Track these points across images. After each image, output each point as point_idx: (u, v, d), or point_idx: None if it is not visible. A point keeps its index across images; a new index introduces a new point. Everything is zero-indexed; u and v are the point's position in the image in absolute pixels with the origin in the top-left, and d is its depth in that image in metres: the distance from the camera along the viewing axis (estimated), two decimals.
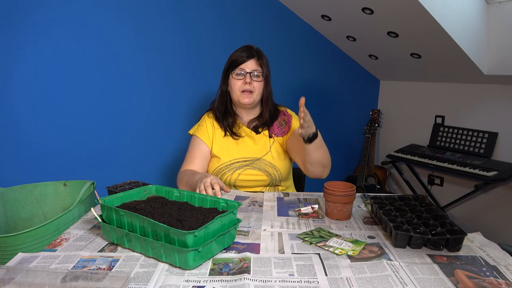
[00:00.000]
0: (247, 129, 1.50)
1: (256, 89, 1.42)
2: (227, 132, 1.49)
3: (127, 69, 1.99)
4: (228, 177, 1.45)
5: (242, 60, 1.41)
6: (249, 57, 1.41)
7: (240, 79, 1.41)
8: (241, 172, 1.45)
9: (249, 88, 1.41)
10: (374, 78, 3.14)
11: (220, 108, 1.50)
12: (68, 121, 1.85)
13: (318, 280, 0.78)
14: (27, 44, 1.69)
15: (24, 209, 1.43)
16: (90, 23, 1.83)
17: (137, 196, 1.08)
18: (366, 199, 1.30)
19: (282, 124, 1.52)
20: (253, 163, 1.45)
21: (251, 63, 1.41)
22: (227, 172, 1.45)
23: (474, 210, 2.49)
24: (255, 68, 1.42)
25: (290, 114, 1.54)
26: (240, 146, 1.49)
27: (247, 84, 1.40)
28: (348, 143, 3.15)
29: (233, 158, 1.46)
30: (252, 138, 1.49)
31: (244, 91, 1.41)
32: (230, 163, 1.45)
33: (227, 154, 1.47)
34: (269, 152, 1.47)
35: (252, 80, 1.41)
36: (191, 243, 0.80)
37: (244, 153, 1.47)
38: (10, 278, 0.73)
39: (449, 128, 2.58)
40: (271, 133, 1.50)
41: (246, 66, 1.41)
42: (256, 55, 1.43)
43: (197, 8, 2.16)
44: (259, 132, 1.49)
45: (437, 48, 2.18)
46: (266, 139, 1.49)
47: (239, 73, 1.41)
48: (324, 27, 2.61)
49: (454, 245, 0.91)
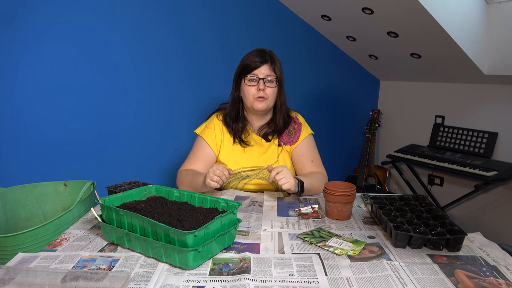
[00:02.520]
0: (257, 136, 1.47)
1: (269, 95, 1.39)
2: (236, 139, 1.46)
3: (127, 69, 1.99)
4: (234, 186, 1.44)
5: (255, 65, 1.37)
6: (262, 62, 1.38)
7: (253, 85, 1.38)
8: (248, 181, 1.43)
9: (262, 95, 1.38)
10: (374, 78, 3.14)
11: (232, 114, 1.47)
12: (68, 121, 1.85)
13: (318, 280, 0.78)
14: (28, 44, 1.69)
15: (24, 209, 1.43)
16: (91, 23, 1.83)
17: (137, 196, 1.08)
18: (366, 199, 1.30)
19: (291, 132, 1.48)
20: (260, 173, 1.44)
21: (264, 68, 1.38)
22: (234, 181, 1.44)
23: (474, 210, 2.49)
24: (268, 73, 1.38)
25: (300, 122, 1.52)
26: (247, 154, 1.46)
27: (261, 91, 1.37)
28: (348, 143, 3.15)
29: (240, 167, 1.44)
30: (261, 146, 1.46)
31: (258, 97, 1.38)
32: (236, 172, 1.43)
33: (234, 162, 1.44)
34: (276, 162, 1.45)
35: (265, 86, 1.38)
36: (191, 243, 0.80)
37: (251, 162, 1.45)
38: (10, 278, 0.73)
39: (449, 128, 2.58)
40: (280, 141, 1.47)
41: (259, 72, 1.38)
42: (269, 60, 1.39)
43: (198, 8, 2.15)
44: (269, 140, 1.47)
45: (437, 48, 2.18)
46: (275, 148, 1.47)
47: (252, 79, 1.38)
48: (324, 27, 2.61)
49: (454, 245, 0.91)
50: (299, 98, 2.75)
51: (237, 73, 1.44)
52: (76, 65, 1.83)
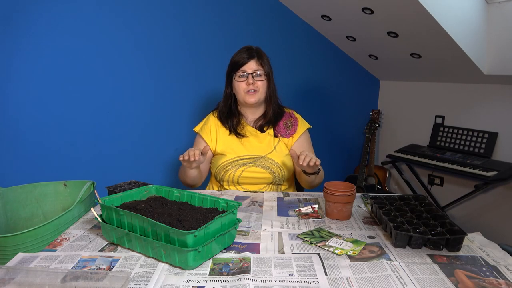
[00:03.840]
0: (252, 128, 1.54)
1: (259, 87, 1.46)
2: (231, 132, 1.52)
3: (127, 69, 1.99)
4: (232, 174, 1.46)
5: (243, 61, 1.44)
6: (249, 58, 1.45)
7: (243, 80, 1.45)
8: (245, 169, 1.46)
9: (253, 88, 1.44)
10: (374, 78, 3.14)
11: (224, 110, 1.54)
12: (68, 121, 1.85)
13: (318, 280, 0.78)
14: (28, 44, 1.69)
15: (24, 209, 1.43)
16: (92, 23, 1.83)
17: (137, 196, 1.08)
18: (366, 199, 1.30)
19: (288, 125, 1.54)
20: (257, 161, 1.47)
21: (251, 63, 1.45)
22: (231, 169, 1.46)
23: (474, 210, 2.49)
24: (256, 68, 1.45)
25: (296, 117, 1.58)
26: (245, 144, 1.51)
27: (251, 85, 1.44)
28: (348, 143, 3.15)
29: (237, 155, 1.48)
30: (257, 136, 1.52)
31: (248, 91, 1.45)
32: (234, 160, 1.47)
33: (232, 151, 1.49)
34: (273, 151, 1.49)
35: (254, 80, 1.45)
36: (191, 243, 0.80)
37: (249, 151, 1.49)
38: (10, 278, 0.73)
39: (449, 128, 2.58)
40: (277, 132, 1.53)
41: (248, 67, 1.44)
42: (256, 55, 1.46)
43: (198, 8, 2.16)
44: (264, 131, 1.53)
45: (437, 48, 2.18)
46: (271, 138, 1.52)
47: (242, 74, 1.45)
48: (324, 27, 2.61)
49: (454, 245, 0.91)
50: (299, 98, 2.75)
51: (227, 71, 1.51)
52: (76, 66, 1.83)
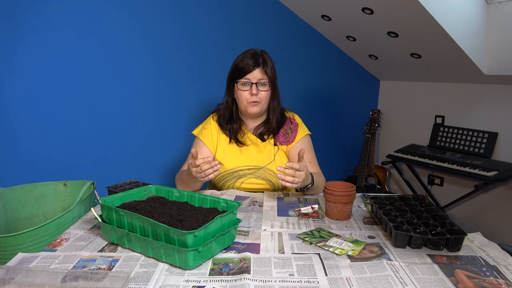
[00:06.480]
0: (253, 136, 1.47)
1: (263, 98, 1.38)
2: (231, 139, 1.46)
3: (127, 69, 1.99)
4: (231, 185, 1.44)
5: (248, 69, 1.36)
6: (255, 66, 1.36)
7: (246, 90, 1.37)
8: (244, 180, 1.43)
9: (255, 99, 1.37)
10: (374, 78, 3.14)
11: (226, 116, 1.46)
12: (68, 121, 1.85)
13: (318, 280, 0.78)
14: (28, 44, 1.68)
15: (24, 209, 1.43)
16: (92, 23, 1.83)
17: (137, 196, 1.08)
18: (366, 199, 1.30)
19: (288, 132, 1.48)
20: (256, 172, 1.43)
21: (256, 72, 1.36)
22: (230, 180, 1.44)
23: (474, 210, 2.49)
24: (260, 77, 1.37)
25: (297, 123, 1.51)
26: (244, 154, 1.46)
27: (254, 96, 1.36)
28: (348, 143, 3.15)
29: (237, 166, 1.44)
30: (257, 145, 1.46)
31: (251, 102, 1.38)
32: (233, 171, 1.43)
33: (231, 161, 1.45)
34: (273, 161, 1.45)
35: (258, 91, 1.37)
36: (191, 243, 0.80)
37: (248, 161, 1.45)
38: (10, 278, 0.73)
39: (449, 128, 2.58)
40: (276, 141, 1.47)
41: (252, 76, 1.36)
42: (261, 63, 1.37)
43: (197, 8, 2.15)
44: (265, 139, 1.46)
45: (437, 48, 2.18)
46: (271, 147, 1.47)
47: (245, 83, 1.37)
48: (324, 27, 2.61)
49: (454, 245, 0.91)
50: (299, 98, 2.75)
51: (229, 76, 1.43)
52: (76, 66, 1.83)
